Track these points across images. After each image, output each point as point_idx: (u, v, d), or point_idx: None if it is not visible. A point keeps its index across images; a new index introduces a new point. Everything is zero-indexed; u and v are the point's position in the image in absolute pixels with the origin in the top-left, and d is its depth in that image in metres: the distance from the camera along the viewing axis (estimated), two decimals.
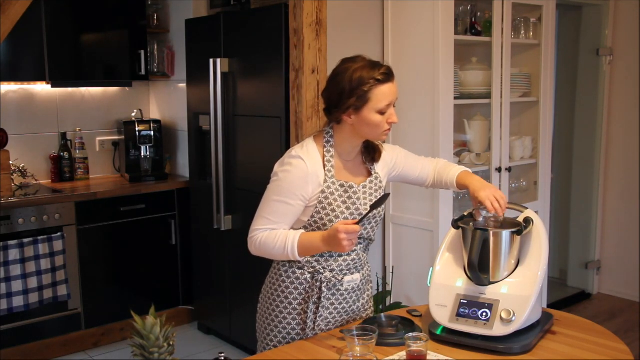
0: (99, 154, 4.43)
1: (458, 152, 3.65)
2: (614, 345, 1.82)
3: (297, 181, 1.89)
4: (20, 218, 3.56)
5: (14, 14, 2.29)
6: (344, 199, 1.94)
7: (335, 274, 1.98)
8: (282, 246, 1.87)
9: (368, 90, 1.85)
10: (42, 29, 3.83)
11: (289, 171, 1.90)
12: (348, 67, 1.89)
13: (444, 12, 3.25)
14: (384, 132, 1.92)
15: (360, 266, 2.04)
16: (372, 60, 1.91)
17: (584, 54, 4.72)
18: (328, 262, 1.97)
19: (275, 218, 1.91)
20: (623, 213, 4.70)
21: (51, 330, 3.73)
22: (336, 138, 1.97)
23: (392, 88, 1.89)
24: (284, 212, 1.90)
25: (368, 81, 1.84)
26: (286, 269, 2.00)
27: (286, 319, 2.00)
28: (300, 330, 1.99)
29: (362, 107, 1.87)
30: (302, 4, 3.07)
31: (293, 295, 1.99)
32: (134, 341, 1.45)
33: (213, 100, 3.67)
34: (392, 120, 1.91)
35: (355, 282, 2.02)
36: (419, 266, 3.45)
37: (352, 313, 2.06)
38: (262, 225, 1.92)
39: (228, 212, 3.73)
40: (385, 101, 1.87)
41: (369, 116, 1.88)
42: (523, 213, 1.97)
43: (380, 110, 1.87)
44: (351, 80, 1.86)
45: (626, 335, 3.98)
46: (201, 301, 4.18)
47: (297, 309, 1.98)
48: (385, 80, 1.86)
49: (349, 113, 1.89)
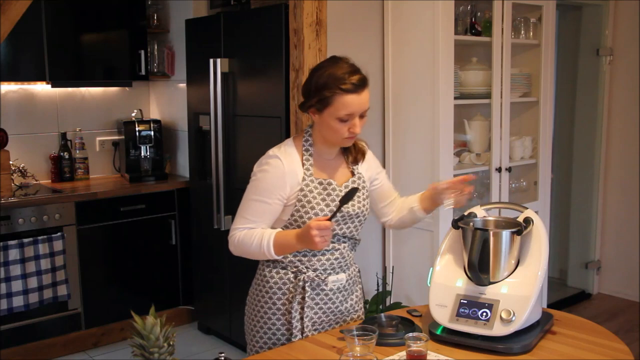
0: (99, 154, 4.43)
1: (458, 152, 3.65)
2: (614, 345, 1.82)
3: (274, 180, 1.91)
4: (20, 218, 3.56)
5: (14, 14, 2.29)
6: (323, 196, 1.94)
7: (318, 274, 1.97)
8: (259, 244, 1.88)
9: (330, 96, 1.84)
10: (42, 29, 3.83)
11: (267, 170, 1.92)
12: (325, 66, 1.90)
13: (444, 12, 3.25)
14: (344, 139, 1.92)
15: (345, 266, 2.03)
16: (352, 66, 1.89)
17: (584, 54, 4.72)
18: (311, 261, 1.97)
19: (253, 217, 1.92)
20: (623, 213, 4.70)
21: (51, 330, 3.74)
22: (314, 136, 1.98)
23: (358, 100, 1.85)
24: (262, 211, 1.92)
25: (332, 87, 1.84)
26: (270, 269, 2.01)
27: (271, 320, 2.00)
28: (285, 331, 1.98)
29: (323, 109, 1.87)
30: (302, 4, 3.07)
31: (277, 296, 1.99)
32: (134, 341, 1.45)
33: (213, 100, 3.67)
34: (353, 131, 1.89)
35: (340, 282, 2.01)
36: (419, 266, 3.45)
37: (340, 314, 2.05)
38: (241, 224, 1.94)
39: (228, 212, 3.73)
40: (345, 111, 1.85)
41: (328, 120, 1.88)
42: (523, 213, 1.97)
43: (340, 118, 1.86)
44: (318, 80, 1.87)
45: (626, 335, 3.98)
46: (201, 301, 4.18)
47: (281, 309, 1.98)
48: (352, 91, 1.84)
49: (312, 111, 1.91)
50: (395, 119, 3.54)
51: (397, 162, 3.56)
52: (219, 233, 3.79)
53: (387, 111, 3.56)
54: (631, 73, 4.56)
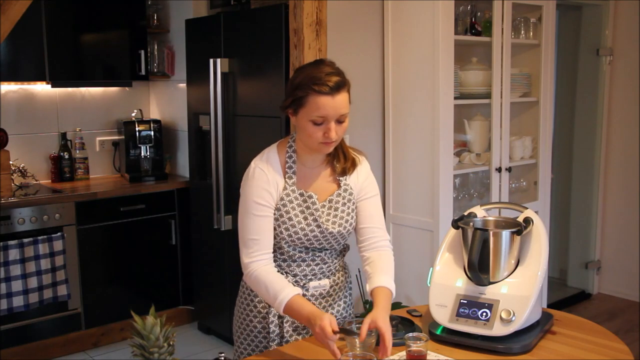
0: (99, 154, 4.43)
1: (458, 152, 3.65)
2: (614, 345, 1.82)
3: (259, 191, 1.86)
4: (20, 218, 3.56)
5: (14, 14, 2.29)
6: (302, 208, 1.89)
7: (298, 279, 1.95)
8: (274, 296, 1.80)
9: (303, 96, 1.79)
10: (42, 29, 3.83)
11: (250, 185, 1.88)
12: (303, 68, 1.87)
13: (444, 12, 3.25)
14: (320, 144, 1.82)
15: (329, 272, 1.99)
16: (333, 69, 1.82)
17: (584, 54, 4.72)
18: (290, 267, 1.94)
19: (256, 235, 1.85)
20: (623, 213, 4.70)
21: (51, 330, 3.73)
22: (297, 144, 1.92)
23: (332, 102, 1.77)
24: (260, 226, 1.86)
25: (306, 87, 1.78)
26: None
27: (252, 322, 1.98)
28: (266, 334, 1.97)
29: (298, 110, 1.83)
30: (302, 4, 3.07)
31: (257, 299, 1.97)
32: (134, 341, 1.45)
33: (213, 100, 3.67)
34: (328, 136, 1.79)
35: (323, 287, 1.98)
36: (419, 266, 3.45)
37: None
38: (252, 249, 1.85)
39: (228, 212, 3.73)
40: (318, 112, 1.77)
41: (302, 122, 1.82)
42: (523, 213, 1.97)
43: (313, 120, 1.79)
44: (295, 81, 1.83)
45: (626, 335, 3.98)
46: (201, 301, 4.18)
47: (261, 312, 1.96)
48: (325, 93, 1.76)
49: (289, 112, 1.87)
50: (395, 119, 3.54)
51: (397, 162, 3.56)
52: (219, 233, 3.79)
53: (387, 111, 3.56)
54: (631, 73, 4.56)
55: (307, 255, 1.94)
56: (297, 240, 1.90)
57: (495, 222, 2.00)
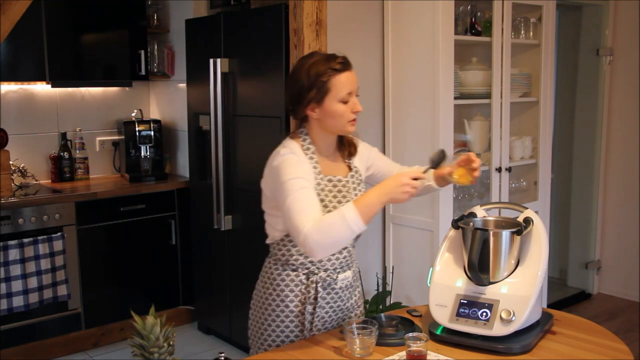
0: (99, 154, 4.43)
1: (458, 152, 3.65)
2: (614, 345, 1.82)
3: (297, 171, 1.85)
4: (20, 218, 3.56)
5: (14, 14, 2.29)
6: (335, 193, 1.94)
7: (329, 273, 1.98)
8: (341, 221, 1.73)
9: (327, 81, 1.86)
10: (42, 29, 3.83)
11: (287, 167, 1.86)
12: (304, 63, 1.91)
13: (444, 12, 3.25)
14: (350, 122, 1.92)
15: (351, 263, 2.06)
16: (327, 54, 1.93)
17: (584, 54, 4.72)
18: (322, 261, 1.97)
19: (310, 206, 1.79)
20: (623, 213, 4.70)
21: (51, 330, 3.74)
22: (312, 135, 1.97)
23: (351, 77, 1.90)
24: (310, 197, 1.81)
25: (325, 71, 1.86)
26: (279, 272, 1.99)
27: (284, 322, 1.98)
28: (298, 332, 1.98)
29: (323, 98, 1.87)
30: (302, 4, 3.07)
31: (289, 298, 1.97)
32: (134, 341, 1.45)
33: (213, 100, 3.67)
34: (356, 109, 1.91)
35: (347, 279, 2.03)
36: (419, 266, 3.45)
37: (347, 310, 2.07)
38: (309, 217, 1.75)
39: (228, 212, 3.73)
40: (345, 89, 1.87)
41: (331, 107, 1.88)
42: (523, 213, 1.97)
43: (342, 99, 1.87)
44: (308, 74, 1.87)
45: (626, 335, 3.98)
46: (201, 301, 4.18)
47: (294, 311, 1.97)
48: (343, 69, 1.88)
49: (311, 107, 1.89)
50: (395, 119, 3.54)
51: (397, 162, 3.54)
52: (219, 233, 3.79)
53: (387, 111, 3.56)
54: (631, 73, 4.56)
55: None
56: None
57: (495, 222, 2.00)
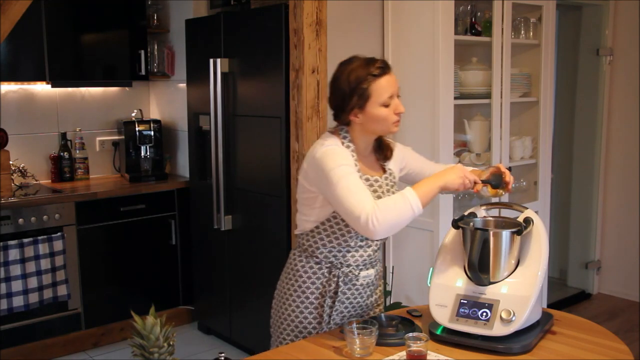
0: (99, 154, 4.43)
1: (458, 152, 3.65)
2: (614, 345, 1.82)
3: (343, 158, 1.89)
4: (20, 218, 3.56)
5: (14, 14, 2.29)
6: (370, 192, 1.93)
7: (351, 269, 2.01)
8: (402, 202, 1.78)
9: (367, 87, 1.88)
10: (42, 29, 3.83)
11: (333, 156, 1.88)
12: (344, 70, 1.93)
13: (444, 12, 3.25)
14: (393, 123, 1.94)
15: (375, 262, 2.09)
16: (367, 58, 1.94)
17: (584, 54, 4.72)
18: (345, 257, 2.00)
19: (362, 189, 1.83)
20: (623, 213, 4.70)
21: (51, 330, 3.73)
22: (351, 135, 1.99)
23: (391, 80, 1.91)
24: (361, 182, 1.86)
25: (365, 78, 1.88)
26: (303, 264, 2.03)
27: (302, 313, 2.02)
28: (316, 324, 2.02)
29: (365, 104, 1.90)
30: (302, 4, 3.07)
31: (310, 290, 2.01)
32: (134, 341, 1.45)
33: (213, 100, 3.67)
34: (398, 110, 1.93)
35: (369, 277, 2.06)
36: (419, 266, 3.45)
37: (366, 307, 2.10)
38: (367, 198, 1.79)
39: (228, 212, 3.73)
40: (386, 93, 1.89)
41: (374, 111, 1.90)
42: (523, 213, 1.97)
43: (384, 103, 1.90)
44: (349, 81, 1.89)
45: (626, 335, 3.98)
46: (201, 301, 4.18)
47: (314, 302, 2.01)
48: (382, 74, 1.90)
49: (354, 113, 1.92)
50: None
51: None
52: (219, 233, 3.79)
53: None
54: (631, 73, 4.56)
55: (364, 242, 2.00)
56: None
57: (495, 222, 2.00)
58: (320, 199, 1.94)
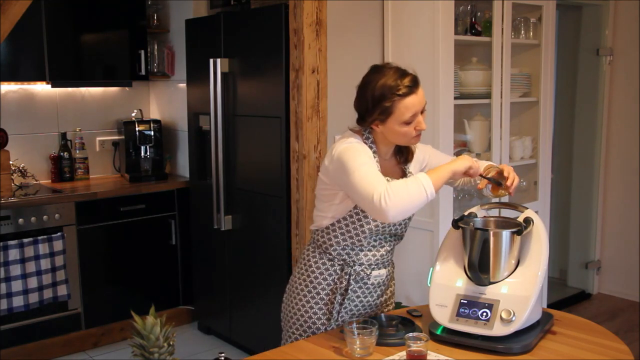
0: (99, 154, 4.43)
1: (458, 152, 3.64)
2: (614, 345, 1.82)
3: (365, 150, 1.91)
4: (20, 218, 3.56)
5: (14, 14, 2.29)
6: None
7: (363, 268, 2.02)
8: (415, 185, 1.79)
9: (390, 105, 1.87)
10: (42, 29, 3.83)
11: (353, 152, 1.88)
12: (373, 79, 1.91)
13: (444, 12, 3.24)
14: (412, 138, 1.94)
15: (387, 262, 2.09)
16: (398, 70, 1.91)
17: (584, 54, 4.72)
18: (358, 255, 2.01)
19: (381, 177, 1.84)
20: (623, 213, 4.70)
21: (51, 330, 3.73)
22: (373, 137, 1.99)
23: (416, 99, 1.89)
24: (378, 172, 1.87)
25: (390, 96, 1.86)
26: (316, 260, 2.04)
27: (312, 309, 2.03)
28: (325, 320, 2.03)
29: (386, 119, 1.89)
30: (302, 4, 3.07)
31: (321, 286, 2.03)
32: (134, 341, 1.45)
33: (213, 100, 3.67)
34: (420, 127, 1.92)
35: (381, 277, 2.07)
36: (419, 266, 3.45)
37: (375, 307, 2.11)
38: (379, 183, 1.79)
39: (228, 212, 3.73)
40: (409, 113, 1.88)
41: (394, 127, 1.90)
42: (523, 213, 1.97)
43: (405, 121, 1.88)
44: (374, 94, 1.88)
45: (626, 335, 3.98)
46: (201, 301, 4.18)
47: (324, 299, 2.03)
48: (409, 93, 1.87)
49: (375, 124, 1.92)
50: None
51: None
52: (219, 233, 3.79)
53: None
54: (631, 73, 4.56)
55: (378, 243, 2.01)
56: (382, 227, 1.97)
57: (495, 222, 2.00)
58: (340, 195, 1.95)
